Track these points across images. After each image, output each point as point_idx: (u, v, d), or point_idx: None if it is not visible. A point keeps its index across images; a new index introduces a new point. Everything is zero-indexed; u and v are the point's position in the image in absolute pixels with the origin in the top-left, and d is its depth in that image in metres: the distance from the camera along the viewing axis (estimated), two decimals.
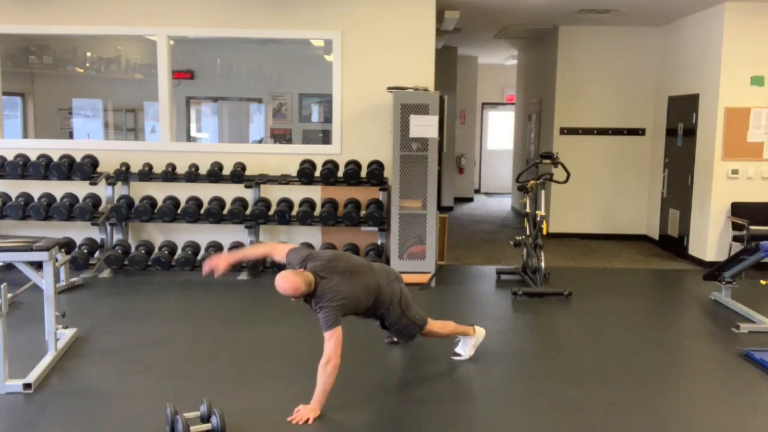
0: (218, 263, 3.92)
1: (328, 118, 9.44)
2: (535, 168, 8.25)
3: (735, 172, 7.29)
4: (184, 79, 10.23)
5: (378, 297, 3.86)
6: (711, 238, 7.40)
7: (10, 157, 6.91)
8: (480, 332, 4.46)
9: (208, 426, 3.26)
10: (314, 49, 9.21)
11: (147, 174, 6.87)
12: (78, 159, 6.90)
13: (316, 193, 7.04)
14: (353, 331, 4.45)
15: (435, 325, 4.22)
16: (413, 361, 4.43)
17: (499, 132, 15.05)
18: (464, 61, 12.58)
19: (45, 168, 6.76)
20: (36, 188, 6.90)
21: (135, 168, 6.99)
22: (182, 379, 4.03)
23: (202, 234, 6.93)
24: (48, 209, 6.64)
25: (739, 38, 7.15)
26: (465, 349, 4.40)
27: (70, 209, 6.67)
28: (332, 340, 3.54)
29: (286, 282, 3.51)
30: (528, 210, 6.78)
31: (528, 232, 6.68)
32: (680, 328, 5.41)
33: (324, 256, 3.76)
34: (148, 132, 10.45)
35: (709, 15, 7.46)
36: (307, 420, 3.44)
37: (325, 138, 10.11)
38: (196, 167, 6.91)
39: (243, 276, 6.58)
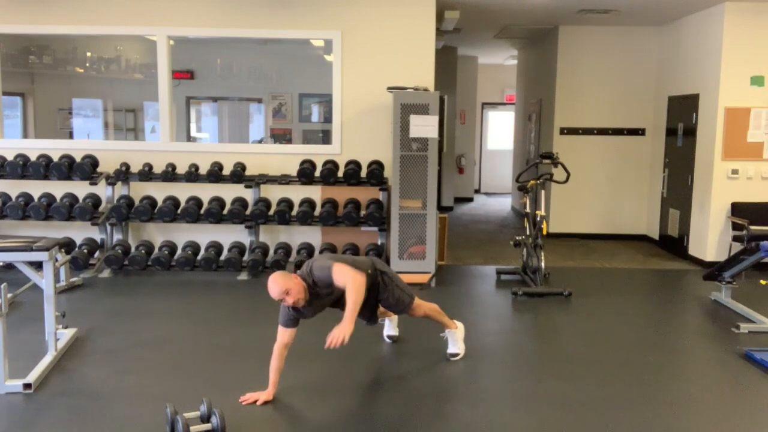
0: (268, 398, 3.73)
1: (328, 118, 9.44)
2: (535, 168, 8.25)
3: (735, 172, 7.29)
4: (184, 79, 10.23)
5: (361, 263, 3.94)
6: (711, 238, 7.40)
7: (10, 157, 6.91)
8: (460, 325, 4.50)
9: (208, 426, 3.26)
10: (314, 49, 9.22)
11: (147, 174, 6.87)
12: (78, 159, 6.90)
13: (316, 193, 7.04)
14: (358, 334, 4.45)
15: (423, 303, 4.27)
16: (411, 361, 4.42)
17: (499, 132, 15.05)
18: (464, 61, 12.58)
19: (45, 168, 6.76)
20: (36, 188, 6.90)
21: (135, 168, 6.99)
22: (182, 379, 4.03)
23: (202, 234, 6.93)
24: (48, 209, 6.64)
25: (739, 38, 7.15)
26: (456, 347, 4.42)
27: (70, 209, 6.67)
28: (344, 267, 3.61)
29: (274, 276, 3.55)
30: (528, 210, 6.78)
31: (528, 232, 6.68)
32: (680, 327, 5.41)
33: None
34: (148, 132, 10.45)
35: (709, 15, 7.46)
36: (343, 339, 3.43)
37: (325, 138, 10.11)
38: (196, 167, 6.91)
39: (243, 276, 6.58)
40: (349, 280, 3.58)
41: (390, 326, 4.68)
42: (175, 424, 3.17)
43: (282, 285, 3.53)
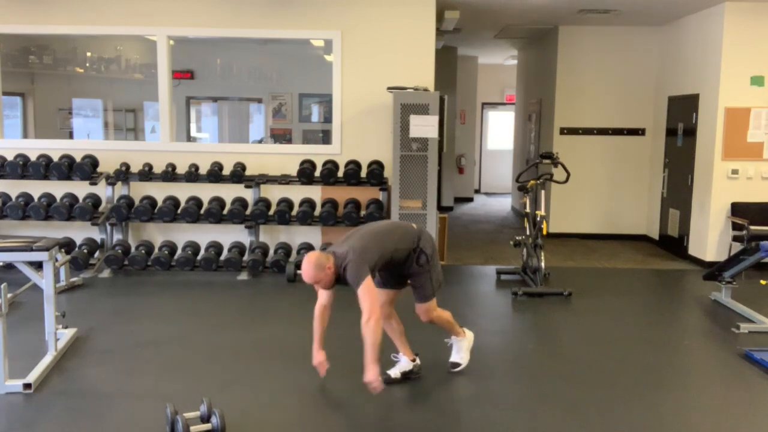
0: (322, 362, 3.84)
1: (328, 118, 9.44)
2: (535, 168, 8.25)
3: (735, 172, 7.29)
4: (184, 79, 10.23)
5: (401, 238, 3.84)
6: (711, 238, 7.40)
7: (10, 157, 6.91)
8: (470, 335, 4.33)
9: (208, 426, 3.25)
10: (314, 49, 9.21)
11: (147, 174, 6.87)
12: (78, 159, 6.90)
13: (316, 193, 7.04)
14: (355, 335, 4.46)
15: (435, 308, 4.13)
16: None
17: (499, 132, 15.05)
18: (464, 61, 12.58)
19: (45, 168, 6.76)
20: (36, 188, 6.90)
21: (135, 168, 6.99)
22: (182, 379, 4.03)
23: (202, 234, 6.93)
24: (48, 209, 6.64)
25: (739, 38, 7.15)
26: (460, 355, 4.25)
27: (70, 209, 6.67)
28: (366, 295, 3.52)
29: (308, 263, 3.55)
30: (528, 210, 6.78)
31: (528, 232, 6.67)
32: (680, 328, 5.41)
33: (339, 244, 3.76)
34: (148, 132, 10.45)
35: (709, 15, 7.46)
36: (376, 386, 3.47)
37: (325, 138, 10.11)
38: (196, 167, 6.91)
39: (243, 276, 6.58)
40: (365, 314, 3.50)
41: (396, 368, 4.13)
42: (175, 424, 3.17)
43: (313, 277, 3.57)
